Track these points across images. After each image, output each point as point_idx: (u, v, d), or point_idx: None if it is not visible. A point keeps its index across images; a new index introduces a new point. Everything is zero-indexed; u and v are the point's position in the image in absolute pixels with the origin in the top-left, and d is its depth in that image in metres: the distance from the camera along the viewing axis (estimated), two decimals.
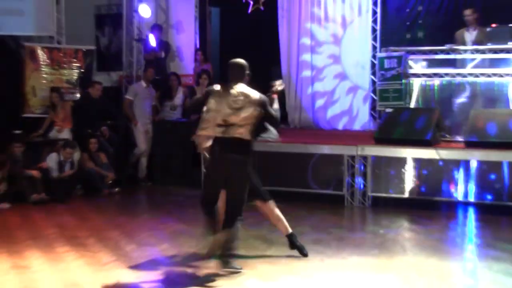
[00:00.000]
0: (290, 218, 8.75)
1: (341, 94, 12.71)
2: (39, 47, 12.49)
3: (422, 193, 9.79)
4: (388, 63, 10.78)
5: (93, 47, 13.28)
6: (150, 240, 7.79)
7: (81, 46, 12.83)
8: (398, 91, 10.71)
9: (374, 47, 11.45)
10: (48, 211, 9.62)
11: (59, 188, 10.45)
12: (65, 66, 12.56)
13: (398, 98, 10.69)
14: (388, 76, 10.78)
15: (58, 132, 11.57)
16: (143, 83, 12.25)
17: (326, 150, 10.17)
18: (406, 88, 10.74)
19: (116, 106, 12.46)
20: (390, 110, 10.41)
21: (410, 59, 10.83)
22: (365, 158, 9.88)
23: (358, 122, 12.46)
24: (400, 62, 10.67)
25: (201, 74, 12.07)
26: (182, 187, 11.37)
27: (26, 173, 10.25)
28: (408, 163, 9.78)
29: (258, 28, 13.07)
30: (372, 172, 9.86)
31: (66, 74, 12.59)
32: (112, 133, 12.02)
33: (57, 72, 12.52)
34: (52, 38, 12.83)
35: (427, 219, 9.01)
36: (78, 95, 12.49)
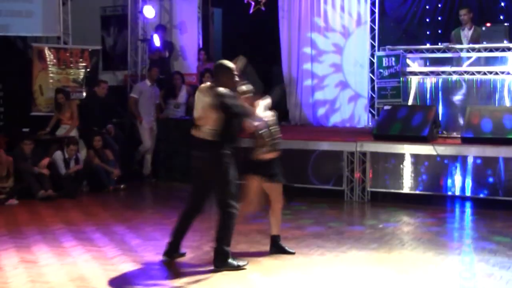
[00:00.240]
0: (291, 212, 8.97)
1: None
2: (47, 47, 12.59)
3: (419, 188, 9.84)
4: (386, 62, 10.85)
5: (99, 47, 13.37)
6: (155, 234, 7.83)
7: (87, 46, 12.93)
8: (396, 89, 10.78)
9: (373, 46, 11.47)
10: (55, 207, 9.68)
11: (68, 184, 10.58)
12: (71, 65, 12.64)
13: (396, 96, 10.76)
14: (386, 74, 10.85)
15: (64, 130, 11.68)
16: (148, 82, 12.40)
17: (326, 146, 10.27)
18: (403, 85, 10.82)
19: (121, 105, 12.56)
20: (388, 107, 10.49)
21: (408, 58, 10.92)
22: (364, 154, 9.95)
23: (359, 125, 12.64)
24: (398, 61, 10.74)
25: (204, 73, 12.14)
26: (186, 183, 11.38)
27: (35, 170, 10.37)
28: (406, 159, 9.85)
29: (259, 28, 13.09)
30: (371, 167, 9.94)
31: (72, 73, 12.67)
32: (117, 130, 12.12)
33: (63, 71, 12.61)
34: (59, 38, 12.91)
35: (425, 214, 9.07)
36: (84, 94, 12.60)
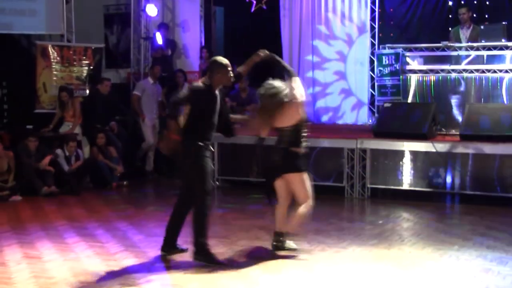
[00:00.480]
0: (292, 209, 9.07)
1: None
2: (50, 45, 12.66)
3: (419, 184, 9.90)
4: (386, 60, 10.93)
5: (102, 45, 13.41)
6: (157, 231, 7.76)
7: (90, 44, 13.00)
8: (396, 87, 10.85)
9: (373, 44, 11.55)
10: (58, 204, 9.75)
11: (71, 181, 10.65)
12: (75, 63, 12.72)
13: (396, 93, 10.83)
14: (386, 72, 10.93)
15: (68, 127, 11.77)
16: (150, 80, 12.49)
17: (326, 143, 10.31)
18: (403, 83, 10.89)
19: (124, 102, 12.66)
20: (388, 105, 10.55)
21: (407, 56, 10.98)
22: (364, 151, 10.01)
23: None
24: (397, 59, 10.81)
25: (206, 71, 12.27)
26: None
27: (39, 166, 10.45)
28: (405, 156, 9.92)
29: (260, 26, 13.13)
30: (371, 164, 10.01)
31: (75, 71, 12.75)
32: (120, 128, 12.19)
33: (67, 69, 12.68)
34: (62, 36, 12.98)
35: (424, 210, 9.13)
36: (87, 92, 12.68)
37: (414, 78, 10.97)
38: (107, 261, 6.61)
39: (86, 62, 12.86)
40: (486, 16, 11.19)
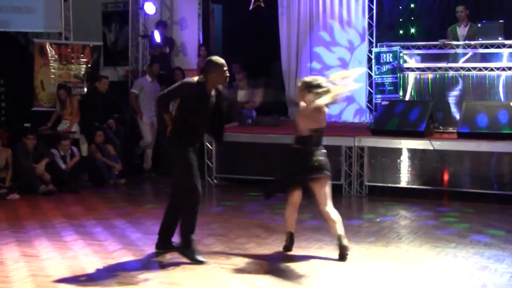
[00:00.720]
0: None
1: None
2: (48, 43, 12.62)
3: (416, 182, 9.94)
4: (384, 58, 10.97)
5: (100, 43, 13.40)
6: (155, 229, 7.59)
7: (88, 42, 12.97)
8: (394, 84, 10.89)
9: (370, 42, 11.56)
10: (56, 202, 9.75)
11: (69, 179, 10.66)
12: (73, 61, 12.68)
13: (394, 91, 10.87)
14: (384, 70, 10.96)
15: (66, 125, 11.77)
16: (148, 78, 12.48)
17: (324, 141, 10.36)
18: (401, 81, 10.92)
19: (122, 100, 12.63)
20: (386, 103, 10.60)
21: (405, 54, 11.01)
22: (362, 148, 10.03)
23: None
24: (395, 57, 10.85)
25: (202, 70, 12.29)
26: None
27: (35, 171, 10.39)
28: (403, 154, 9.95)
29: (259, 24, 13.16)
30: (368, 162, 10.02)
31: (73, 69, 12.71)
32: (118, 126, 12.19)
33: (65, 67, 12.64)
34: (60, 34, 12.96)
35: (422, 207, 9.15)
36: (85, 89, 12.65)
37: (411, 76, 11.01)
38: (105, 259, 6.62)
39: (84, 60, 12.83)
40: (483, 14, 11.20)
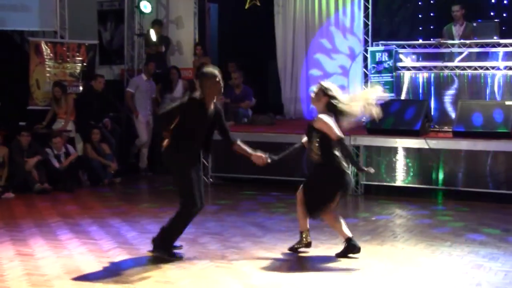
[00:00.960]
0: (286, 205, 9.09)
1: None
2: (43, 42, 12.60)
3: (412, 181, 9.97)
4: (379, 57, 10.97)
5: (95, 42, 13.39)
6: (151, 227, 7.85)
7: (84, 40, 12.96)
8: (389, 83, 10.84)
9: (366, 41, 11.58)
10: (51, 200, 9.75)
11: (64, 178, 10.64)
12: (68, 60, 12.66)
13: (389, 90, 10.79)
14: (379, 69, 10.95)
15: (61, 124, 11.76)
16: (144, 76, 12.49)
17: None
18: (396, 80, 10.93)
19: (118, 99, 12.59)
20: (381, 102, 10.62)
21: (401, 53, 11.02)
22: (357, 147, 10.03)
23: None
24: (391, 56, 10.85)
25: (200, 68, 12.28)
26: None
27: (26, 168, 10.38)
28: (398, 153, 9.98)
29: (255, 23, 13.14)
30: (364, 161, 9.98)
31: (69, 67, 12.69)
32: (114, 124, 12.18)
33: (60, 65, 12.62)
34: (55, 33, 12.93)
35: (417, 206, 9.18)
36: (81, 88, 12.64)
37: (407, 75, 11.02)
38: (100, 258, 6.63)
39: (80, 58, 12.81)
40: (479, 13, 11.22)
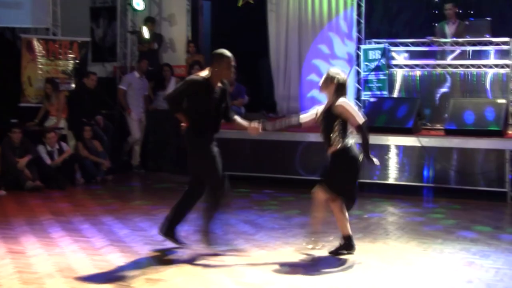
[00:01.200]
0: (279, 203, 9.11)
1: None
2: (35, 39, 12.54)
3: (404, 178, 10.00)
4: (372, 55, 10.99)
5: (88, 39, 13.34)
6: (143, 225, 7.90)
7: (76, 37, 12.90)
8: (382, 81, 10.91)
9: (359, 39, 11.60)
10: (43, 198, 9.72)
11: (56, 175, 10.61)
12: (60, 57, 12.62)
13: (382, 88, 10.89)
14: (372, 67, 10.98)
15: (53, 121, 11.73)
16: (136, 74, 12.48)
17: (312, 138, 10.29)
18: (389, 78, 10.94)
19: (110, 96, 12.59)
20: (374, 100, 10.66)
21: (393, 51, 11.06)
22: None
23: None
24: (383, 54, 10.87)
25: (193, 65, 12.22)
26: (174, 174, 11.53)
27: (18, 166, 10.34)
28: (391, 150, 10.02)
29: (248, 21, 13.11)
30: None
31: (61, 65, 12.65)
32: (107, 122, 12.17)
33: (52, 63, 12.58)
34: (48, 30, 12.89)
35: (409, 204, 9.22)
36: (73, 85, 12.61)
37: (399, 73, 11.06)
38: (92, 255, 6.62)
39: (72, 56, 12.77)
40: (471, 11, 11.26)
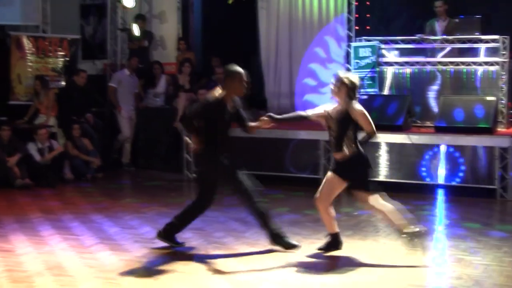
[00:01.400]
0: (269, 200, 9.04)
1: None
2: (25, 36, 12.52)
3: (394, 175, 10.03)
4: (362, 52, 11.00)
5: (78, 36, 13.34)
6: (133, 223, 7.91)
7: (66, 35, 12.90)
8: (372, 79, 10.90)
9: (349, 37, 11.63)
10: (33, 196, 9.71)
11: (46, 173, 10.59)
12: (50, 54, 12.63)
13: (372, 85, 10.88)
14: (362, 64, 10.96)
15: (43, 119, 11.70)
16: (126, 71, 12.46)
17: (303, 135, 10.38)
18: (379, 75, 10.94)
19: (100, 94, 12.58)
20: (364, 97, 10.67)
21: (384, 48, 11.04)
22: None
23: None
24: (373, 51, 10.88)
25: (183, 63, 12.24)
26: (165, 172, 11.57)
27: (7, 163, 10.31)
28: (381, 147, 10.05)
29: (239, 18, 13.09)
30: None
31: (51, 62, 12.66)
32: (97, 119, 12.15)
33: (42, 60, 12.58)
34: (37, 27, 12.87)
35: (399, 201, 9.03)
36: (63, 83, 12.59)
37: (390, 71, 11.05)
38: (82, 253, 6.63)
39: (62, 53, 12.77)
40: (461, 9, 11.28)
